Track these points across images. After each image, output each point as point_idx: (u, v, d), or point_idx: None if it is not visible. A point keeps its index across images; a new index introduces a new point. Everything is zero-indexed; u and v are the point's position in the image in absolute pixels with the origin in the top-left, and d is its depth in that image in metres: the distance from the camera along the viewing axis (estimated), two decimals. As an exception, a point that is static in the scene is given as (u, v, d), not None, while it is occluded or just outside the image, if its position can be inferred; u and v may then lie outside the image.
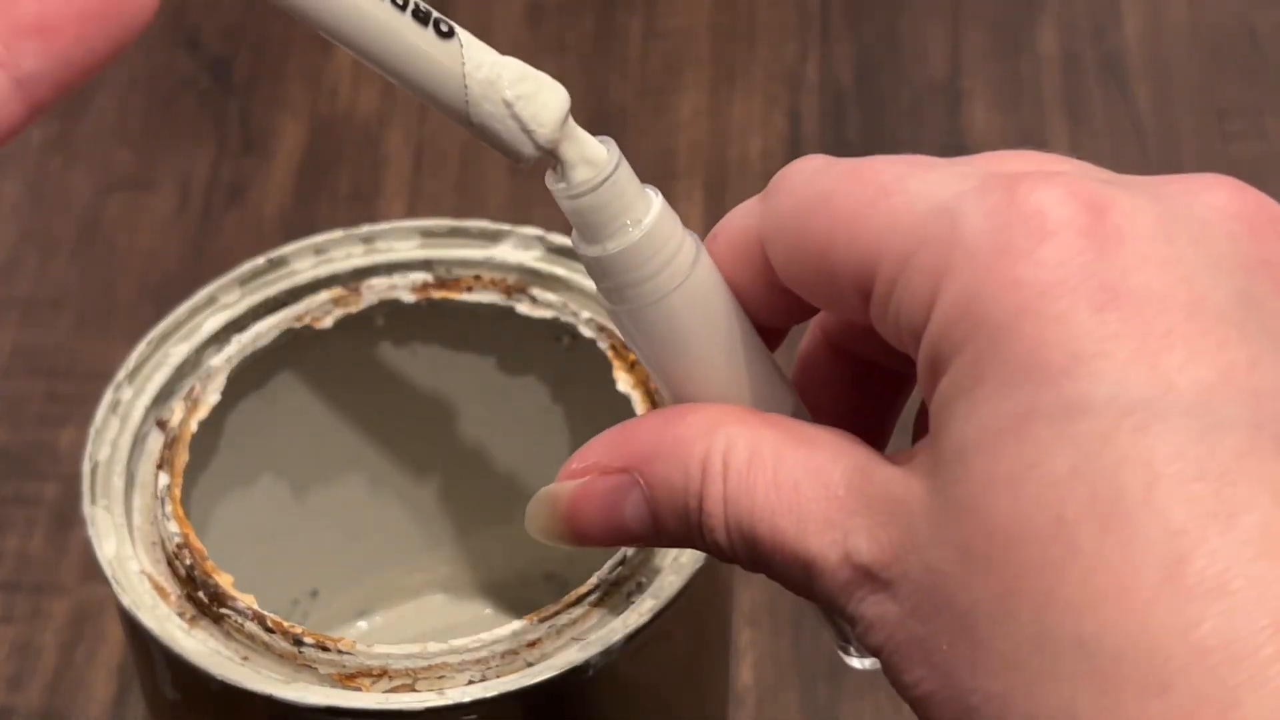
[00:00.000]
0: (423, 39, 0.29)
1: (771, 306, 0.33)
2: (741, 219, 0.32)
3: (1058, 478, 0.26)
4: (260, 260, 0.45)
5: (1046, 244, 0.28)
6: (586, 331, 0.44)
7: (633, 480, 0.32)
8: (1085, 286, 0.27)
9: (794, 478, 0.30)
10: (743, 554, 0.31)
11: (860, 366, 0.34)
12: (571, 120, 0.31)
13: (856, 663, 0.35)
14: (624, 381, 0.43)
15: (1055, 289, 0.27)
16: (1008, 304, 0.27)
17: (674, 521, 0.32)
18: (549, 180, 0.31)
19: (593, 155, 0.31)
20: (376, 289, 0.45)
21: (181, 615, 0.40)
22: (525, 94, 0.30)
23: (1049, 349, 0.27)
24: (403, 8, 0.29)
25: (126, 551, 0.41)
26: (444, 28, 0.30)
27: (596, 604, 0.40)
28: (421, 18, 0.29)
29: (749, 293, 0.33)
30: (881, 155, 0.31)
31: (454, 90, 0.30)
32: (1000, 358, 0.27)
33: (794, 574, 0.30)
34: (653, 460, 0.32)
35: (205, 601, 0.40)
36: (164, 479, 0.41)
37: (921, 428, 0.33)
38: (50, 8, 0.27)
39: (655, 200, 0.31)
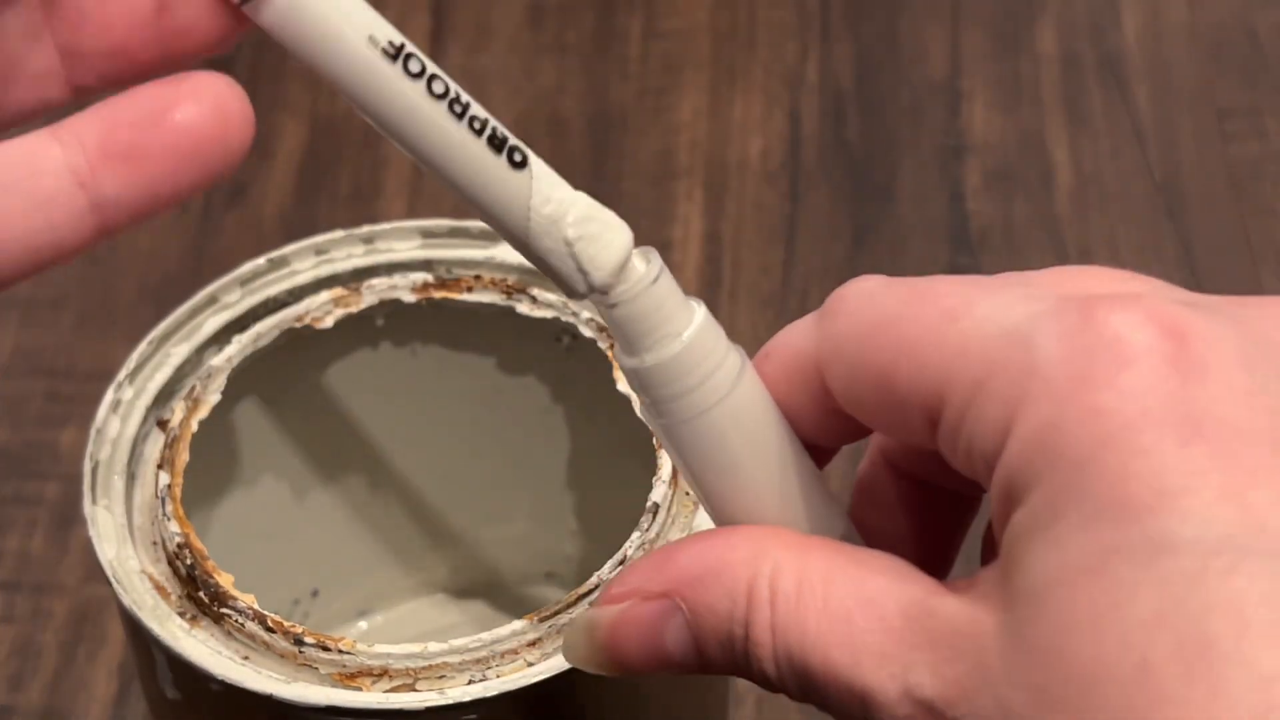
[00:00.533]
0: (494, 166, 0.29)
1: (825, 428, 0.32)
2: (795, 339, 0.31)
3: (1142, 620, 0.26)
4: (261, 260, 0.45)
5: (1128, 372, 0.27)
6: (586, 331, 0.44)
7: (674, 606, 0.31)
8: (1170, 419, 0.26)
9: (846, 607, 0.29)
10: (792, 685, 0.30)
11: (923, 490, 0.33)
12: (631, 259, 0.30)
13: None
14: (624, 382, 0.43)
15: (1139, 420, 0.26)
16: (1089, 435, 0.27)
17: (718, 650, 0.30)
18: None
19: (633, 268, 0.30)
20: (377, 289, 0.45)
21: (182, 615, 0.40)
22: (587, 235, 0.30)
23: (1133, 484, 0.26)
24: (479, 132, 0.29)
25: (127, 551, 0.41)
26: (517, 158, 0.29)
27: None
28: (496, 145, 0.29)
29: (802, 415, 0.31)
30: (943, 275, 0.30)
31: (517, 220, 0.30)
32: (1081, 492, 0.26)
33: (849, 708, 0.29)
34: (695, 585, 0.30)
35: (206, 601, 0.40)
36: (165, 479, 0.42)
37: (987, 550, 0.31)
38: (145, 138, 0.28)
39: (698, 311, 0.31)
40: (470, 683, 0.38)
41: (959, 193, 0.66)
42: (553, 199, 0.30)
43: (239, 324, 0.45)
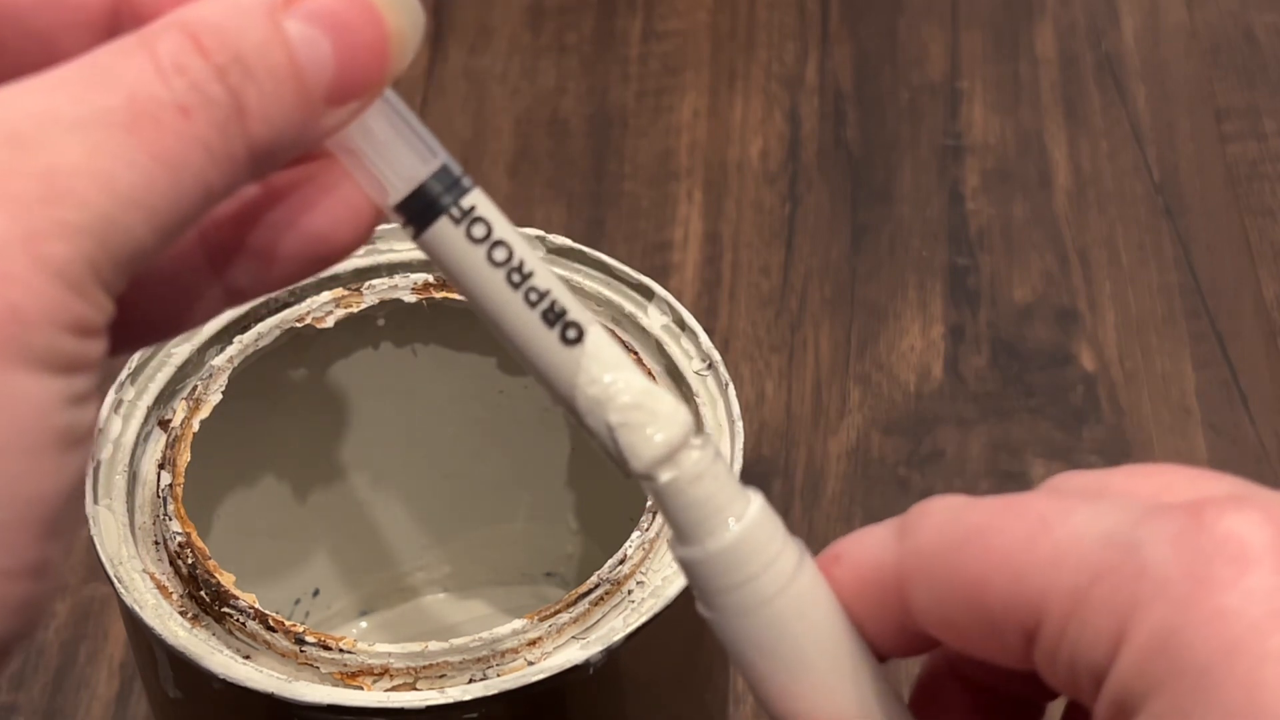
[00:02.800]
0: (544, 339, 0.29)
1: (892, 642, 0.30)
2: (871, 550, 0.30)
3: None
4: (262, 261, 0.45)
5: (1251, 573, 0.26)
6: (587, 332, 0.44)
7: None
8: None
9: None
10: None
11: (988, 697, 0.31)
12: (682, 449, 0.29)
13: None
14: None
15: (1266, 623, 0.25)
16: (1214, 639, 0.25)
17: None
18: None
19: (685, 456, 0.29)
20: (378, 289, 0.45)
21: (183, 614, 0.40)
22: (630, 423, 0.29)
23: (1266, 691, 0.25)
24: (533, 304, 0.29)
25: (129, 550, 0.41)
26: (571, 335, 0.29)
27: (597, 603, 0.40)
28: (550, 320, 0.29)
29: (874, 629, 0.30)
30: (1029, 492, 0.29)
31: (564, 393, 0.29)
32: (1210, 701, 0.25)
33: None
34: None
35: (207, 600, 0.40)
36: (166, 478, 0.42)
37: None
38: (279, 244, 0.28)
39: (755, 500, 0.29)
40: (471, 681, 0.39)
41: (958, 193, 0.66)
42: (600, 381, 0.29)
43: (240, 324, 0.45)
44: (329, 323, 0.45)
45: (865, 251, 0.65)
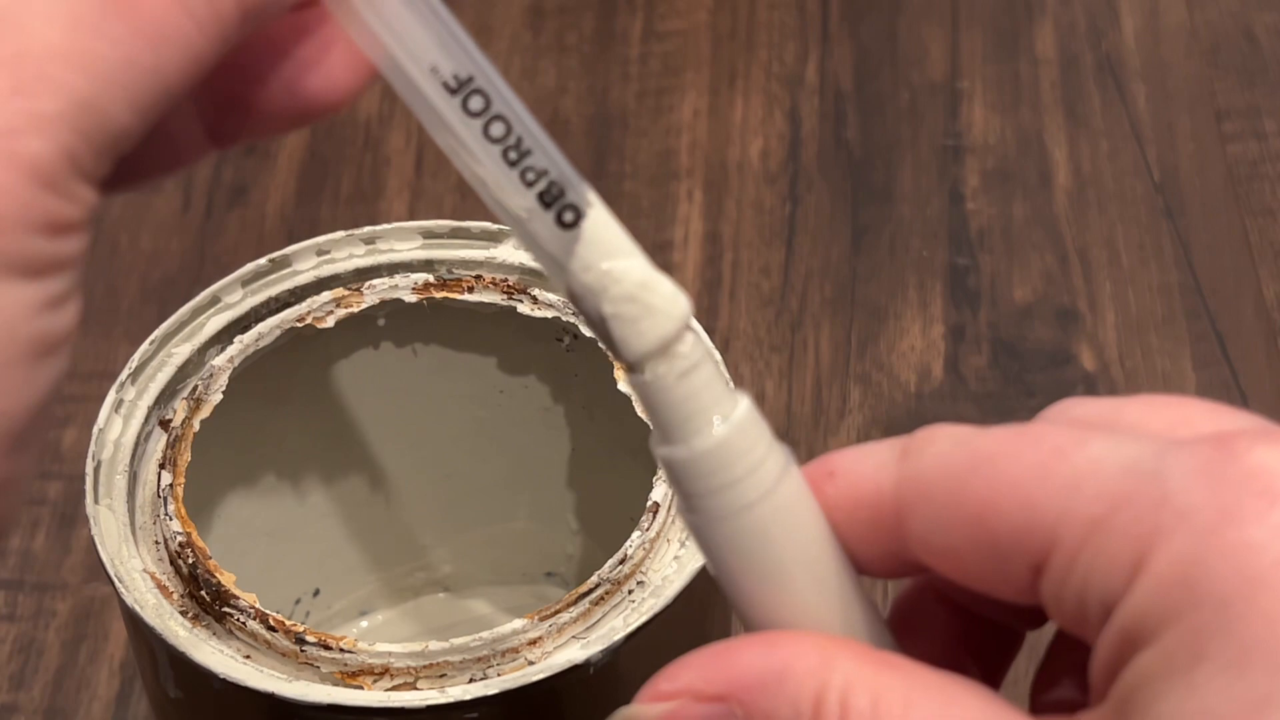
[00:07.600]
0: (539, 219, 0.28)
1: (877, 564, 0.29)
2: (868, 470, 0.29)
3: None
4: (263, 260, 0.45)
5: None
6: (587, 331, 0.44)
7: (729, 712, 0.28)
8: None
9: None
10: None
11: (972, 622, 0.30)
12: (676, 342, 0.28)
13: None
14: (624, 381, 0.43)
15: None
16: (1238, 573, 0.25)
17: None
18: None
19: (675, 352, 0.28)
20: (378, 289, 0.45)
21: (184, 614, 0.40)
22: (622, 314, 0.28)
23: None
24: (530, 184, 0.28)
25: (129, 550, 0.41)
26: (567, 218, 0.28)
27: (598, 602, 0.40)
28: (546, 200, 0.28)
29: (862, 550, 0.29)
30: (1038, 421, 0.28)
31: (557, 275, 0.28)
32: (1229, 633, 0.24)
33: None
34: (755, 691, 0.27)
35: (208, 600, 0.40)
36: (167, 478, 0.42)
37: (1044, 685, 0.29)
38: (274, 99, 0.28)
39: (742, 402, 0.28)
40: (471, 681, 0.39)
41: (958, 193, 0.66)
42: (596, 268, 0.28)
43: (241, 324, 0.45)
44: (329, 323, 0.45)
45: (865, 251, 0.65)
